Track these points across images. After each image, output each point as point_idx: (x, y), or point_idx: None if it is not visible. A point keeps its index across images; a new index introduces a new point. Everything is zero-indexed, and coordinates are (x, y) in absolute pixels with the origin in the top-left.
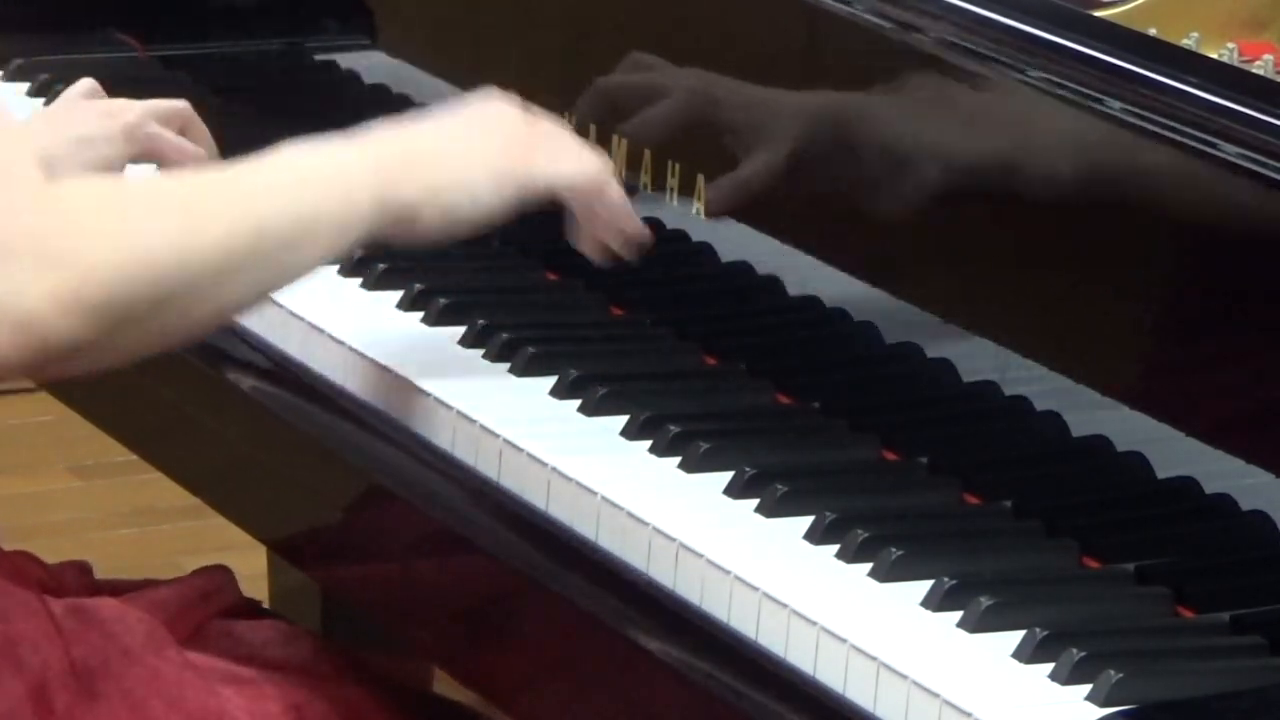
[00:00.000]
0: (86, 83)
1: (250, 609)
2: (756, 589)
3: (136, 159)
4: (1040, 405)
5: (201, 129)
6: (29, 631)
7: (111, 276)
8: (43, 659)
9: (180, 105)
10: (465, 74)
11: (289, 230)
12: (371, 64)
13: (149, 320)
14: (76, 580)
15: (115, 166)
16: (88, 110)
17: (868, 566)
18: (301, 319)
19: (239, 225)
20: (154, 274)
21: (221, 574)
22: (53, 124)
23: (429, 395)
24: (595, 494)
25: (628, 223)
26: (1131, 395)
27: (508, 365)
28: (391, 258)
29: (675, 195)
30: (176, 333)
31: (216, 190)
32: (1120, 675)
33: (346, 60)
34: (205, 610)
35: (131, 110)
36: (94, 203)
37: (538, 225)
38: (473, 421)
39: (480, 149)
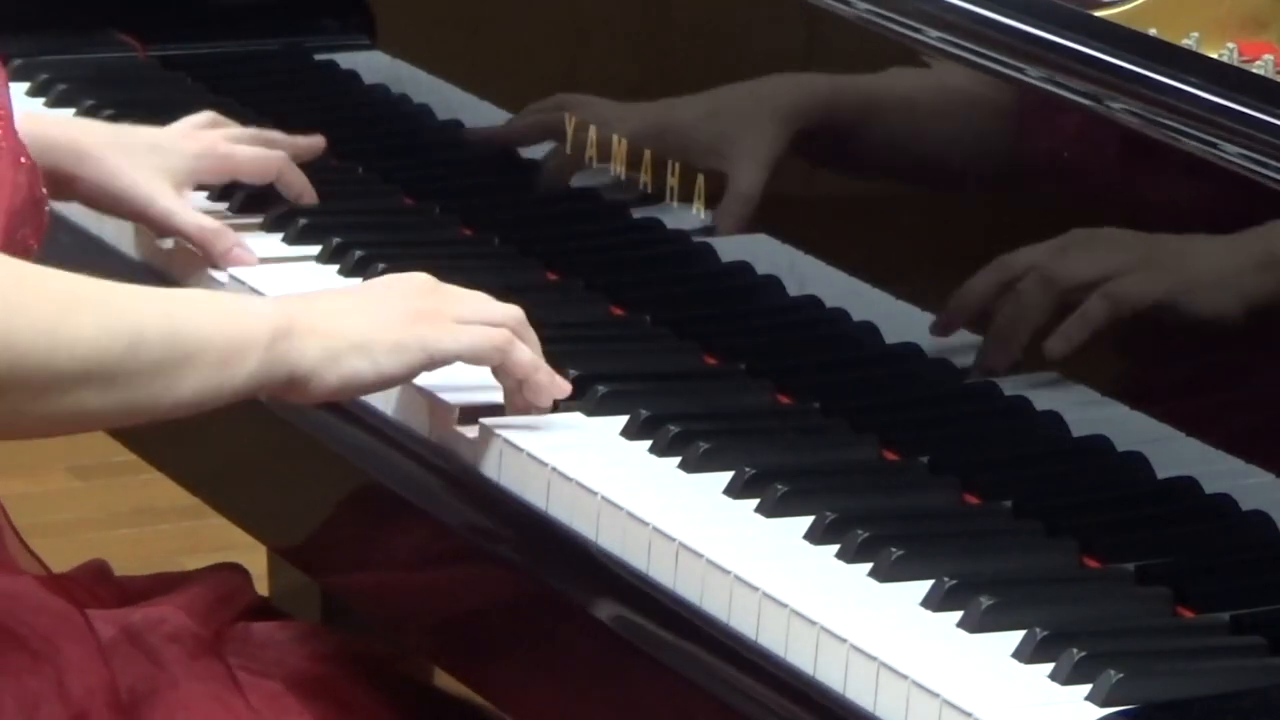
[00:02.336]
0: (208, 115)
1: (264, 608)
2: (756, 589)
3: (213, 177)
4: (1040, 405)
5: (284, 141)
6: (74, 655)
7: None
8: (87, 686)
9: (257, 133)
10: (465, 74)
11: (166, 354)
12: (371, 64)
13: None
14: (97, 584)
15: (180, 180)
16: (174, 128)
17: (868, 566)
18: None
19: (114, 329)
20: (14, 364)
21: (239, 574)
22: (135, 129)
23: (429, 395)
24: (595, 494)
25: (537, 382)
26: (1131, 395)
27: None
28: (388, 258)
29: (675, 195)
30: (30, 425)
31: (105, 293)
32: (1120, 675)
33: (346, 60)
34: (228, 612)
35: (207, 135)
36: None
37: (538, 225)
38: (473, 421)
39: (384, 318)
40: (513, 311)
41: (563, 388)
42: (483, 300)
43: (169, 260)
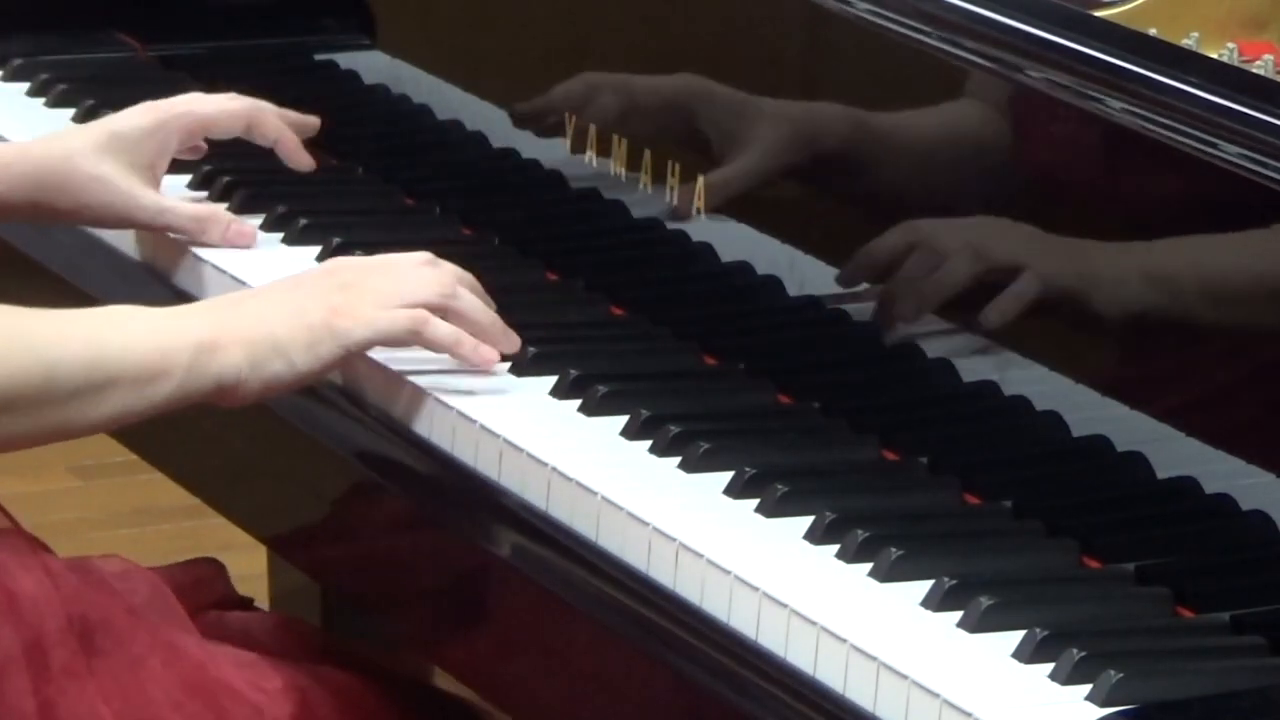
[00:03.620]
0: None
1: (241, 605)
2: (756, 589)
3: (183, 140)
4: (1040, 405)
5: (270, 109)
6: (26, 587)
7: None
8: (39, 614)
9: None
10: (465, 74)
11: (84, 380)
12: (371, 64)
13: None
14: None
15: (152, 161)
16: (135, 108)
17: (868, 566)
18: None
19: (30, 363)
20: None
21: (212, 566)
22: (105, 119)
23: (429, 395)
24: (595, 494)
25: (463, 355)
26: (1131, 395)
27: (508, 365)
28: None
29: (675, 195)
30: None
31: (14, 323)
32: (1120, 675)
33: (346, 60)
34: (197, 597)
35: (166, 103)
36: None
37: (538, 225)
38: (473, 421)
39: (302, 314)
40: (437, 282)
41: (487, 357)
42: (403, 279)
43: (165, 258)
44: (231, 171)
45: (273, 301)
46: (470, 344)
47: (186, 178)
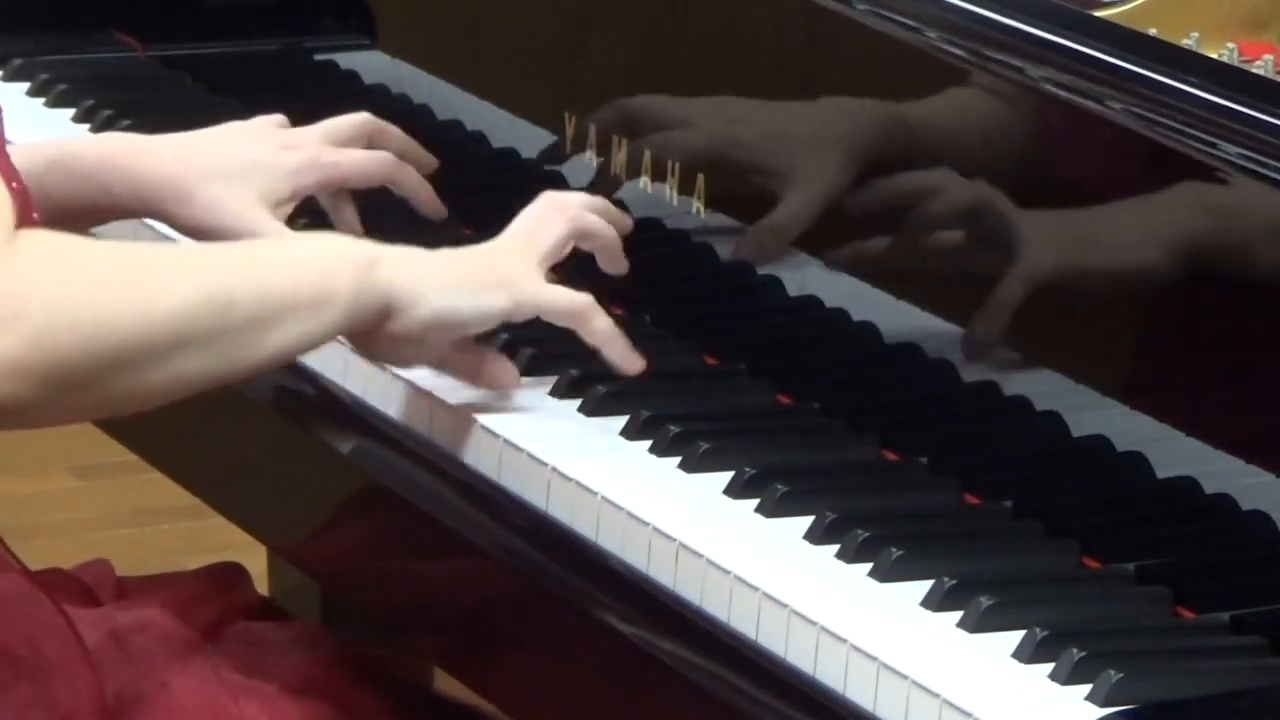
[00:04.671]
0: (279, 116)
1: (265, 607)
2: (756, 589)
3: (319, 189)
4: (1040, 405)
5: (394, 133)
6: (60, 662)
7: (62, 342)
8: (74, 692)
9: (360, 120)
10: (465, 74)
11: (258, 310)
12: (371, 64)
13: (98, 386)
14: (100, 582)
15: (283, 200)
16: (266, 137)
17: (868, 566)
18: None
19: (205, 298)
20: (108, 341)
21: (236, 570)
22: (230, 139)
23: (429, 395)
24: (595, 494)
25: (612, 351)
26: (1131, 395)
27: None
28: None
29: (675, 195)
30: (128, 400)
31: (187, 259)
32: (1120, 675)
33: (346, 60)
34: (222, 604)
35: (305, 143)
36: (50, 263)
37: None
38: (473, 421)
39: (463, 266)
40: (566, 220)
41: (636, 364)
42: (539, 231)
43: None
44: None
45: (432, 253)
46: (622, 348)
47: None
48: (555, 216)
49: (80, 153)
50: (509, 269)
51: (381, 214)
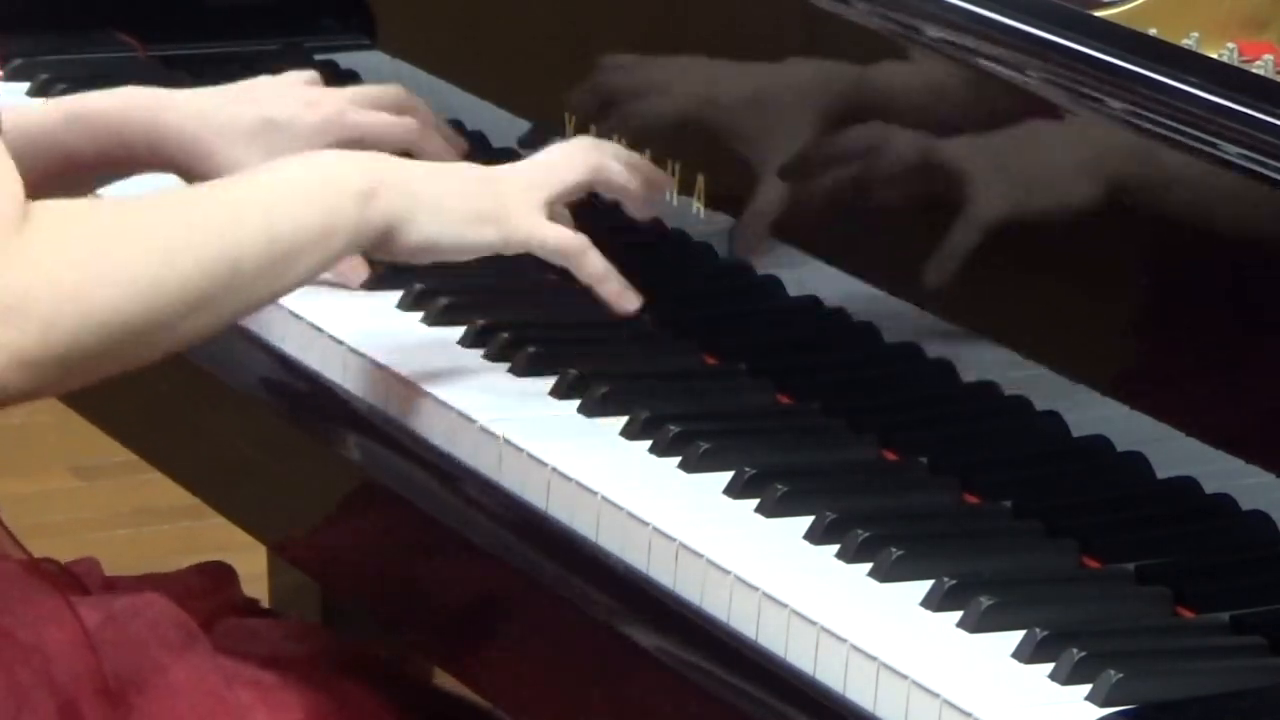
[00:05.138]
0: (310, 73)
1: (252, 608)
2: (756, 589)
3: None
4: (1040, 405)
5: (424, 110)
6: (60, 643)
7: (74, 329)
8: (74, 674)
9: (392, 90)
10: (465, 74)
11: (265, 264)
12: (371, 64)
13: (110, 360)
14: (88, 577)
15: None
16: (291, 95)
17: (868, 566)
18: (302, 319)
19: (215, 258)
20: (119, 320)
21: (224, 570)
22: (253, 96)
23: (429, 394)
24: (595, 494)
25: (607, 290)
26: (1131, 395)
27: (508, 365)
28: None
29: (675, 195)
30: (140, 363)
31: (190, 222)
32: (1120, 675)
33: (346, 60)
34: (213, 601)
35: (330, 102)
36: (57, 250)
37: None
38: (472, 421)
39: (461, 191)
40: (589, 165)
41: (627, 307)
42: (561, 167)
43: None
44: None
45: (433, 170)
46: (617, 286)
47: None
48: (580, 158)
49: (100, 108)
50: (508, 201)
51: None
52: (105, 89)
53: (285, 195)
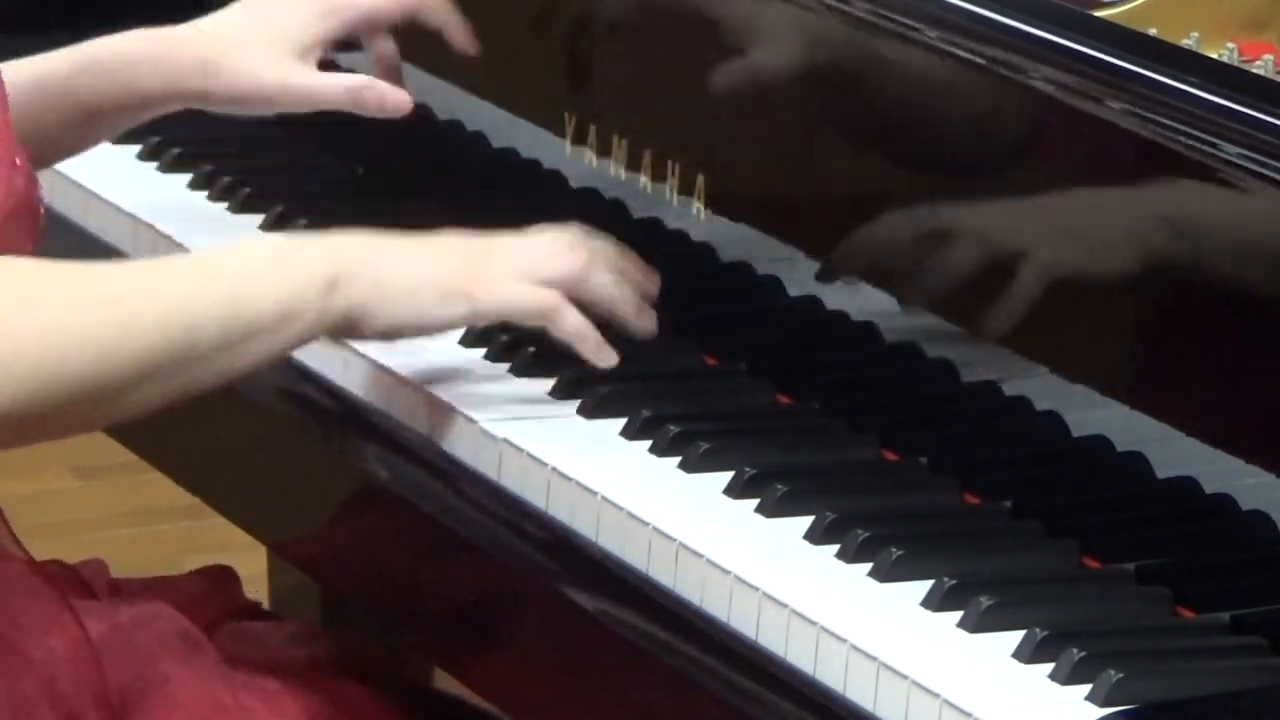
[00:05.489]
0: None
1: (254, 611)
2: (756, 589)
3: (347, 31)
4: (1040, 405)
5: (443, 9)
6: (63, 653)
7: (21, 389)
8: (77, 686)
9: None
10: (465, 74)
11: (221, 339)
12: (372, 64)
13: (56, 421)
14: (96, 579)
15: (310, 46)
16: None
17: (868, 566)
18: None
19: (173, 328)
20: (67, 386)
21: (227, 573)
22: (257, 9)
23: (429, 395)
24: (595, 494)
25: (583, 350)
26: (1131, 395)
27: (508, 365)
28: None
29: (675, 195)
30: (88, 426)
31: (152, 289)
32: (1120, 675)
33: (346, 60)
34: (216, 605)
35: None
36: (8, 309)
37: (537, 225)
38: (473, 421)
39: (436, 269)
40: (567, 265)
41: (609, 358)
42: (545, 255)
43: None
44: (233, 171)
45: (404, 248)
46: (593, 344)
47: (187, 176)
48: (569, 259)
49: (111, 52)
50: (482, 271)
51: (381, 216)
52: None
53: (249, 274)
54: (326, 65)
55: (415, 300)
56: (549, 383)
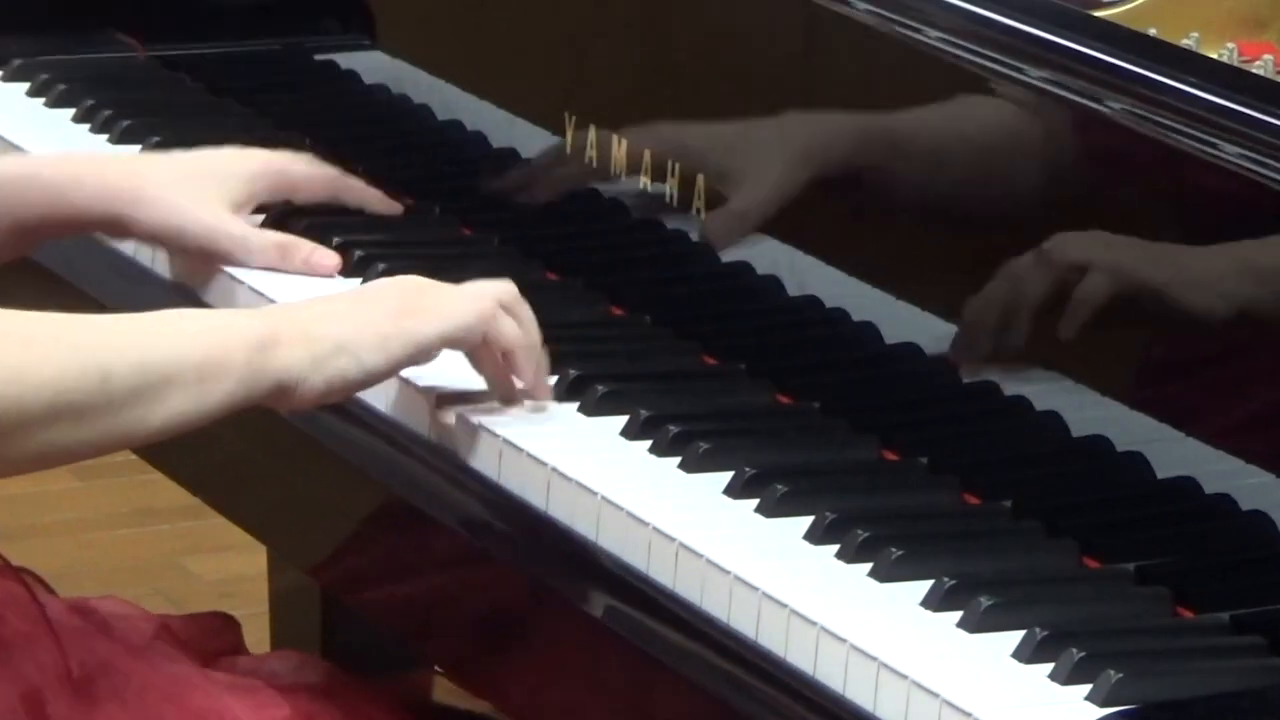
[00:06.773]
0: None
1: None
2: (756, 589)
3: (272, 195)
4: (1040, 405)
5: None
6: (21, 632)
7: None
8: (38, 663)
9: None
10: (465, 74)
11: (137, 382)
12: (371, 64)
13: None
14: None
15: (241, 203)
16: (227, 151)
17: (868, 566)
18: None
19: (81, 368)
20: None
21: (222, 620)
22: (185, 155)
23: (429, 395)
24: (595, 494)
25: (519, 360)
26: (1131, 395)
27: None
28: (388, 258)
29: (675, 195)
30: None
31: (65, 330)
32: (1120, 675)
33: (346, 60)
34: (207, 649)
35: (261, 154)
36: None
37: (538, 225)
38: (473, 421)
39: (369, 317)
40: (500, 289)
41: (545, 392)
42: (469, 287)
43: (192, 275)
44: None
45: (337, 305)
46: (533, 349)
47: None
48: (478, 305)
49: (37, 168)
50: (419, 301)
51: (381, 216)
52: (103, 88)
53: (172, 326)
54: (326, 66)
55: (351, 350)
56: (549, 383)
